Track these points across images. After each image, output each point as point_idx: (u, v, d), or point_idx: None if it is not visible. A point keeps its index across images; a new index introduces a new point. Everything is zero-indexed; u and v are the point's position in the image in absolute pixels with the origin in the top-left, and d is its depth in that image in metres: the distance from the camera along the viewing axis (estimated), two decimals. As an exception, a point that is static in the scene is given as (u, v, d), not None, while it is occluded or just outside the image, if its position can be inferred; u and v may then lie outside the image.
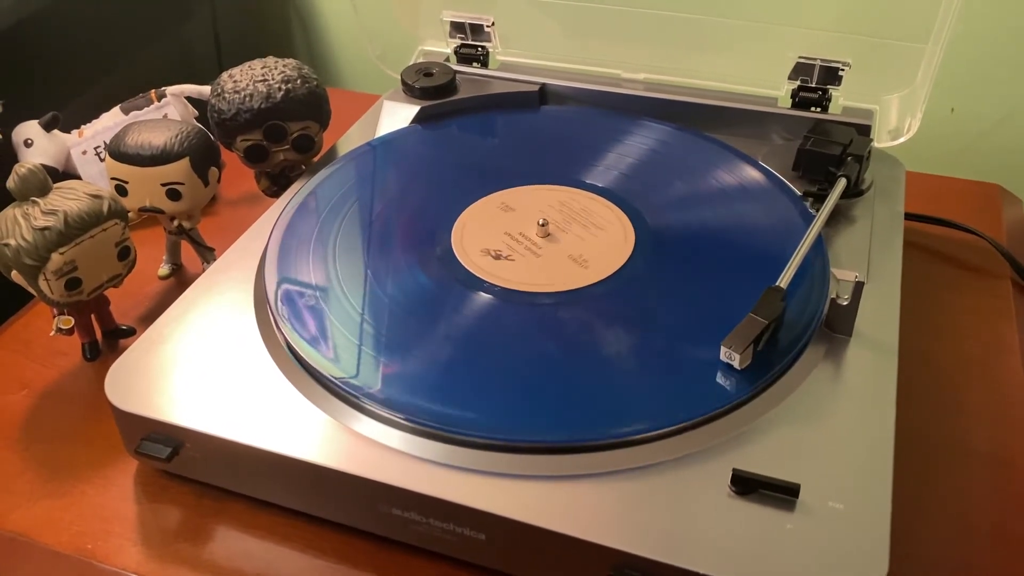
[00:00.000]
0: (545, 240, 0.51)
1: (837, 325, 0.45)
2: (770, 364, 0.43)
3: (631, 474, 0.38)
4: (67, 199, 0.47)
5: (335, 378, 0.43)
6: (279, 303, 0.47)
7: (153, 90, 0.68)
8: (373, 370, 0.44)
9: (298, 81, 0.58)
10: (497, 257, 0.50)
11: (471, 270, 0.49)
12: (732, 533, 0.36)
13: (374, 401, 0.42)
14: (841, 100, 0.60)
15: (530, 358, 0.44)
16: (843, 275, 0.48)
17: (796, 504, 0.37)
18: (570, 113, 0.65)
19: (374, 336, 0.46)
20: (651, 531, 0.36)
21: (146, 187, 0.54)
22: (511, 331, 0.46)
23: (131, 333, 0.55)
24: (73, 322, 0.51)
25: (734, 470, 0.38)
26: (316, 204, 0.55)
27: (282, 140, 0.58)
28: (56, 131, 0.65)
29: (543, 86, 0.65)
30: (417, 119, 0.63)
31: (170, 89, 0.68)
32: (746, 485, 0.37)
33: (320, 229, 0.53)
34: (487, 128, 0.64)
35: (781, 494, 0.37)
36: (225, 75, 0.58)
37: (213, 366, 0.45)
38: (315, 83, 0.59)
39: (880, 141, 0.58)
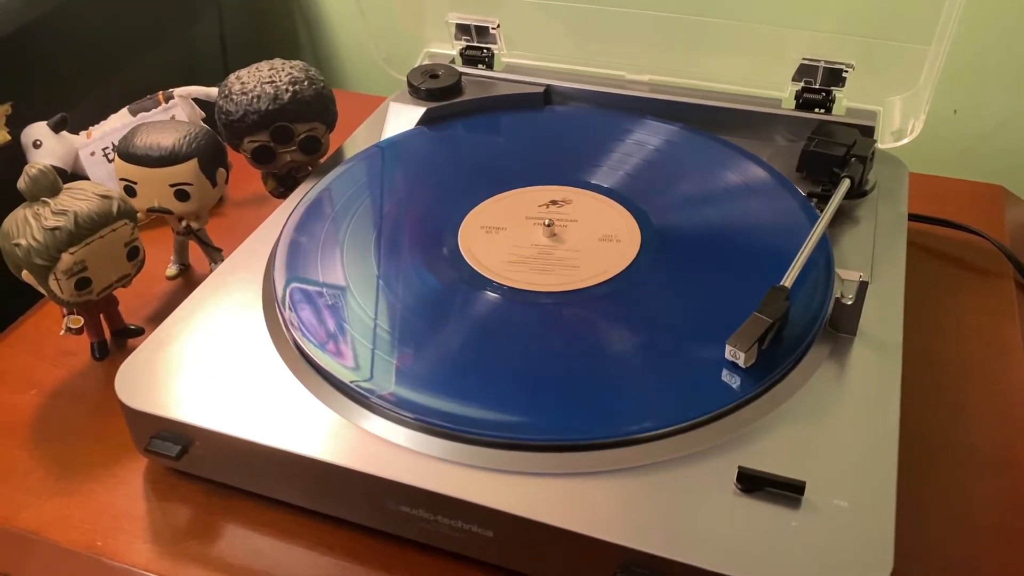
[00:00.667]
0: (551, 240, 0.52)
1: (841, 324, 0.45)
2: (775, 363, 0.43)
3: (638, 471, 0.39)
4: (77, 199, 0.48)
5: (344, 377, 0.43)
6: (288, 303, 0.48)
7: (161, 92, 0.68)
8: (381, 369, 0.44)
9: (305, 83, 0.58)
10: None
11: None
12: (738, 530, 0.36)
13: (382, 399, 0.42)
14: (845, 101, 0.60)
15: (537, 357, 0.45)
16: (847, 275, 0.48)
17: (801, 502, 0.37)
18: (575, 114, 0.65)
19: (382, 335, 0.46)
20: (657, 528, 0.37)
21: (155, 188, 0.54)
22: (518, 330, 0.46)
23: (140, 333, 0.55)
24: (82, 322, 0.52)
25: (740, 468, 0.38)
26: (323, 205, 0.56)
27: (289, 141, 0.59)
28: (65, 132, 0.65)
29: (548, 87, 0.65)
30: (423, 121, 0.64)
31: (177, 91, 0.68)
32: (752, 483, 0.38)
33: (328, 230, 0.53)
34: (493, 129, 0.64)
35: (786, 492, 0.37)
36: (232, 77, 0.59)
37: (222, 365, 0.45)
38: (322, 85, 0.60)
39: (883, 142, 0.58)
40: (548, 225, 0.52)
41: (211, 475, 0.45)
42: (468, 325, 0.47)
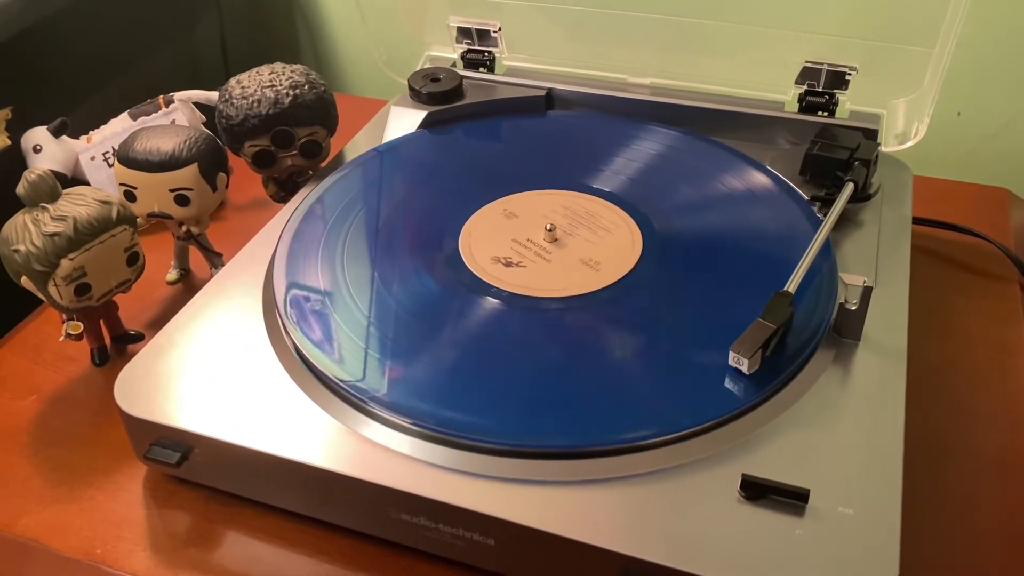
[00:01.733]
0: (552, 245, 0.51)
1: (845, 330, 0.45)
2: (779, 369, 0.43)
3: (640, 479, 0.38)
4: (76, 205, 0.48)
5: (344, 383, 0.43)
6: (288, 308, 0.48)
7: (161, 96, 0.68)
8: (382, 375, 0.44)
9: (306, 87, 0.58)
10: (506, 263, 0.50)
11: (478, 275, 0.49)
12: (741, 539, 0.36)
13: (383, 406, 0.42)
14: (848, 104, 0.60)
15: (538, 363, 0.44)
16: (851, 280, 0.48)
17: (806, 509, 0.37)
18: (577, 118, 0.65)
19: (382, 341, 0.46)
20: (660, 536, 0.36)
21: (155, 193, 0.54)
22: (519, 336, 0.46)
23: (140, 338, 0.55)
24: (82, 327, 0.51)
25: (743, 475, 0.38)
26: (324, 210, 0.55)
27: (290, 146, 0.59)
28: (65, 137, 0.65)
29: (550, 91, 0.65)
30: (424, 124, 0.63)
31: (178, 95, 0.68)
32: (755, 490, 0.37)
33: (328, 235, 0.53)
34: (494, 133, 0.64)
35: (790, 499, 0.37)
36: (233, 81, 0.58)
37: (222, 371, 0.45)
38: (323, 88, 0.59)
39: (887, 145, 0.58)
40: (549, 230, 0.51)
41: (211, 482, 0.45)
42: (469, 331, 0.46)
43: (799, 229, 0.51)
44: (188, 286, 0.61)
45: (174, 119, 0.67)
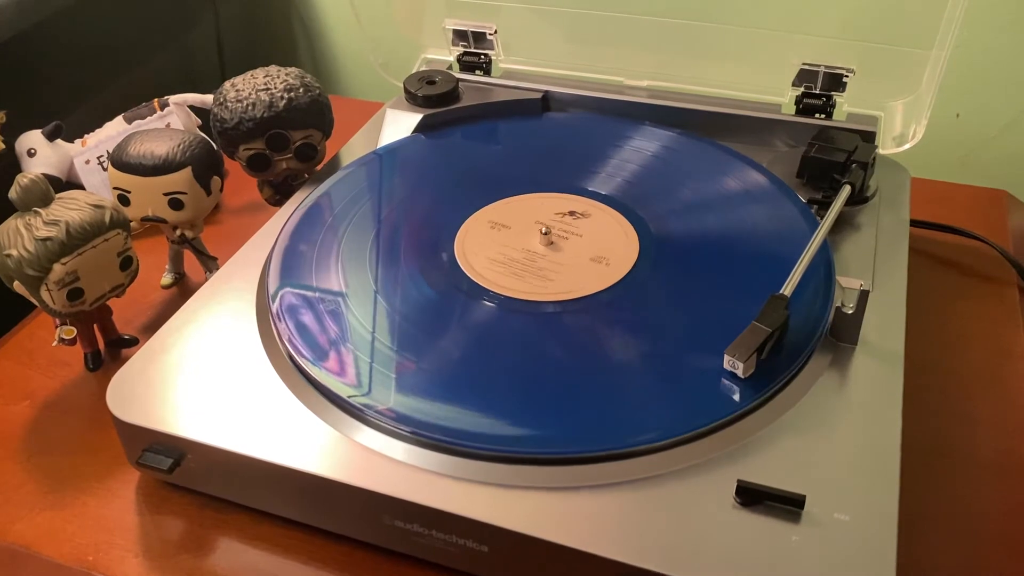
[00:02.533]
0: (548, 248, 0.51)
1: (842, 334, 0.45)
2: (774, 373, 0.42)
3: (635, 485, 0.38)
4: (69, 209, 0.47)
5: (338, 390, 0.43)
6: (282, 313, 0.47)
7: (156, 99, 0.68)
8: (376, 381, 0.43)
9: (300, 90, 0.58)
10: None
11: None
12: (737, 545, 0.36)
13: (377, 412, 0.41)
14: (845, 106, 0.59)
15: (533, 369, 0.44)
16: (848, 283, 0.47)
17: (802, 515, 0.37)
18: (573, 120, 0.64)
19: (378, 347, 0.45)
20: (655, 543, 0.36)
21: (148, 197, 0.54)
22: (514, 341, 0.46)
23: (134, 343, 0.55)
24: (75, 332, 0.51)
25: (739, 481, 0.37)
26: (319, 213, 0.55)
27: (285, 149, 0.58)
28: (59, 140, 0.65)
29: (546, 94, 0.65)
30: (420, 127, 0.63)
31: (173, 98, 0.68)
32: (751, 496, 0.37)
33: (323, 239, 0.53)
34: (490, 136, 0.63)
35: (786, 505, 0.37)
36: (227, 84, 0.58)
37: (215, 377, 0.45)
38: (318, 92, 0.59)
39: (885, 147, 0.58)
40: (545, 233, 0.51)
41: (204, 488, 0.44)
42: (464, 336, 0.46)
43: (796, 232, 0.51)
44: (183, 290, 0.60)
45: (169, 122, 0.67)
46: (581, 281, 0.48)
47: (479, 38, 0.67)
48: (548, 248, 0.51)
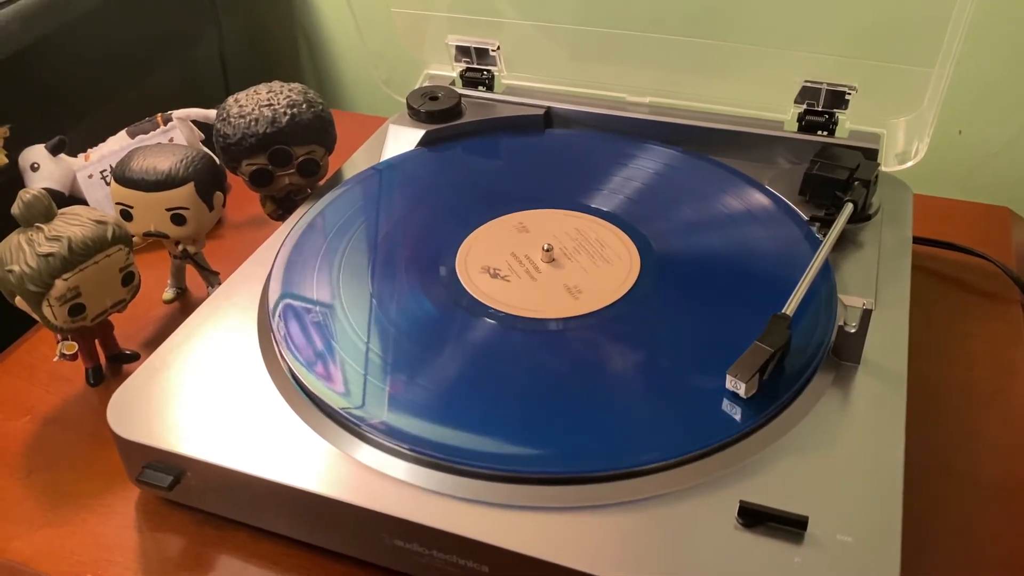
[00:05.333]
0: (549, 265, 0.51)
1: (845, 353, 0.44)
2: (777, 393, 0.42)
3: (636, 505, 0.38)
4: (71, 225, 0.47)
5: (338, 407, 0.43)
6: (283, 329, 0.47)
7: (159, 114, 0.68)
8: (376, 399, 0.43)
9: (303, 106, 0.58)
10: (495, 276, 0.50)
11: (476, 296, 0.49)
12: (739, 567, 0.36)
13: (377, 431, 0.41)
14: (848, 124, 0.59)
15: (535, 388, 0.44)
16: (851, 302, 0.47)
17: (804, 537, 0.36)
18: (575, 136, 0.64)
19: (378, 364, 0.45)
20: (656, 563, 0.36)
21: (151, 212, 0.54)
22: (516, 360, 0.45)
23: (135, 358, 0.55)
24: (77, 347, 0.51)
25: (741, 502, 0.37)
26: (321, 229, 0.55)
27: (287, 164, 0.58)
28: (62, 155, 0.65)
29: (548, 110, 0.65)
30: (422, 143, 0.63)
31: (176, 113, 0.68)
32: (753, 517, 0.37)
33: (325, 255, 0.53)
34: (492, 152, 0.63)
35: (789, 527, 0.37)
36: (231, 100, 0.58)
37: (216, 394, 0.44)
38: (320, 107, 0.59)
39: (887, 165, 0.58)
40: (547, 250, 0.51)
41: (204, 506, 0.44)
42: (465, 353, 0.46)
43: (798, 250, 0.51)
44: (184, 305, 0.60)
45: (172, 137, 0.67)
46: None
47: (482, 54, 0.68)
48: (551, 264, 0.51)
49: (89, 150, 0.67)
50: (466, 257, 0.52)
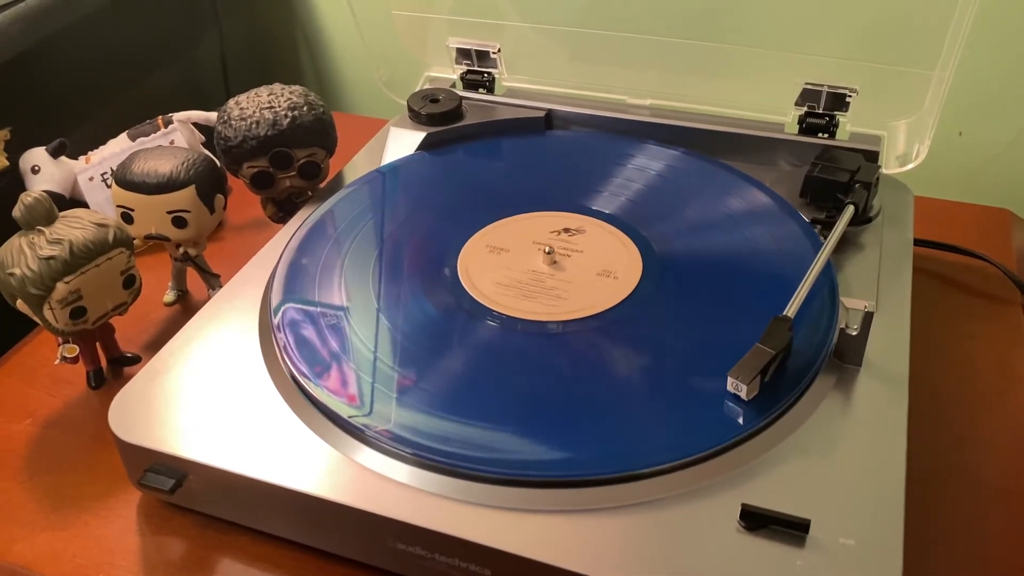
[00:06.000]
0: (551, 268, 0.51)
1: (847, 355, 0.44)
2: (779, 395, 0.42)
3: (638, 508, 0.38)
4: (73, 228, 0.47)
5: (344, 415, 0.43)
6: (284, 332, 0.47)
7: (160, 116, 0.68)
8: (378, 402, 0.43)
9: (304, 108, 0.58)
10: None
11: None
12: (741, 570, 0.36)
13: (379, 434, 0.41)
14: (848, 126, 0.59)
15: (536, 391, 0.44)
16: (853, 304, 0.47)
17: (806, 540, 0.36)
18: (576, 138, 0.64)
19: (379, 368, 0.45)
20: (658, 566, 0.36)
21: (152, 215, 0.54)
22: (517, 363, 0.45)
23: (136, 361, 0.55)
24: (78, 350, 0.51)
25: (743, 505, 0.37)
26: (322, 231, 0.55)
27: (288, 167, 0.58)
28: (63, 158, 0.65)
29: (549, 112, 0.65)
30: (423, 145, 0.63)
31: (177, 115, 0.68)
32: (755, 520, 0.37)
33: (326, 257, 0.53)
34: (493, 154, 0.63)
35: (791, 530, 0.37)
36: (232, 102, 0.58)
37: (217, 397, 0.44)
38: (321, 110, 0.59)
39: (888, 167, 0.58)
40: (548, 252, 0.51)
41: (205, 509, 0.44)
42: (468, 358, 0.46)
43: (799, 252, 0.51)
44: (185, 307, 0.60)
45: (173, 140, 0.67)
46: (594, 297, 0.48)
47: (483, 56, 0.68)
48: (552, 267, 0.51)
49: (90, 153, 0.67)
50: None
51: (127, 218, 0.54)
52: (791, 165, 0.60)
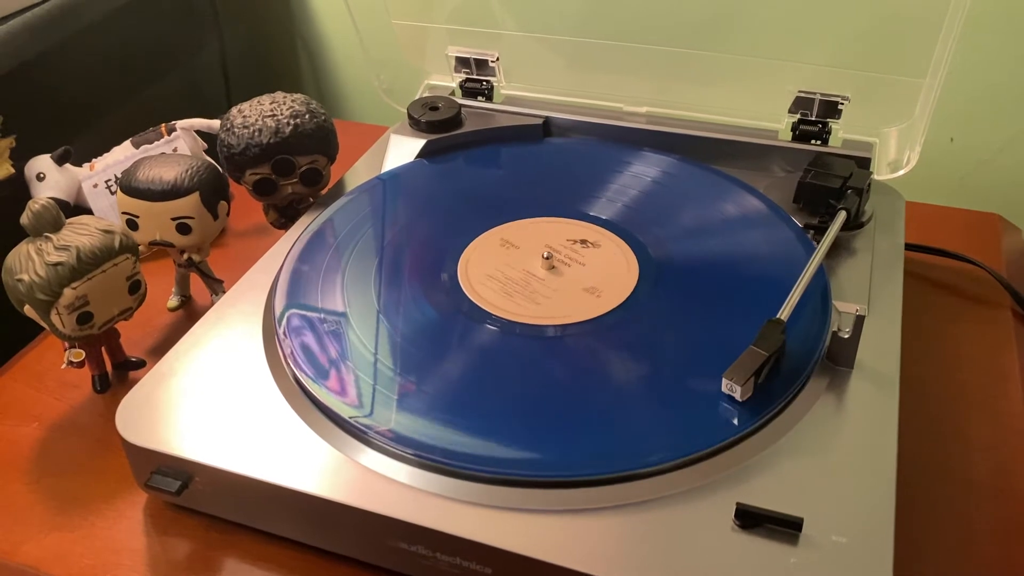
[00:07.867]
0: (549, 273, 0.52)
1: (839, 358, 0.45)
2: (772, 397, 0.43)
3: (635, 508, 0.39)
4: (79, 235, 0.48)
5: (345, 415, 0.43)
6: (287, 336, 0.48)
7: (163, 124, 0.69)
8: (380, 404, 0.44)
9: (306, 116, 0.59)
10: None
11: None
12: (736, 567, 0.36)
13: (381, 436, 0.42)
14: (841, 133, 0.60)
15: (535, 393, 0.45)
16: (845, 308, 0.48)
17: (800, 538, 0.37)
18: (574, 145, 0.65)
19: (382, 370, 0.46)
20: (655, 565, 0.37)
21: (156, 221, 0.55)
22: (517, 365, 0.46)
23: (141, 365, 0.55)
24: (84, 355, 0.52)
25: (737, 504, 0.38)
26: (324, 238, 0.56)
27: (290, 174, 0.59)
28: (68, 165, 0.66)
29: (547, 119, 0.66)
30: (423, 153, 0.64)
31: (180, 123, 0.69)
32: (750, 519, 0.38)
33: (328, 263, 0.54)
34: (492, 161, 0.64)
35: (785, 528, 0.37)
36: (234, 110, 0.59)
37: (222, 400, 0.45)
38: (323, 117, 0.60)
39: (880, 173, 0.59)
40: (547, 258, 0.52)
41: (211, 510, 0.45)
42: (467, 360, 0.47)
43: (792, 256, 0.52)
44: (189, 312, 0.61)
45: (176, 147, 0.68)
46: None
47: (481, 65, 0.69)
48: (549, 272, 0.52)
49: (94, 160, 0.68)
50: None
51: (132, 225, 0.55)
52: (784, 171, 0.61)
